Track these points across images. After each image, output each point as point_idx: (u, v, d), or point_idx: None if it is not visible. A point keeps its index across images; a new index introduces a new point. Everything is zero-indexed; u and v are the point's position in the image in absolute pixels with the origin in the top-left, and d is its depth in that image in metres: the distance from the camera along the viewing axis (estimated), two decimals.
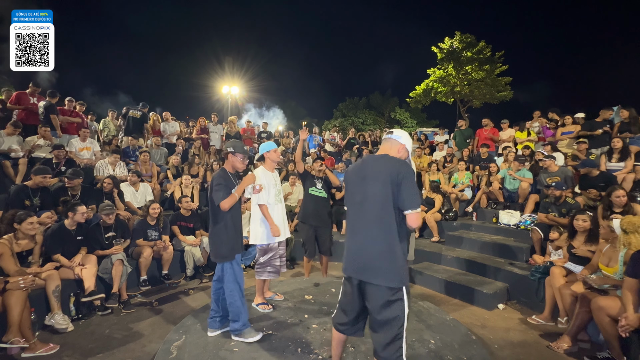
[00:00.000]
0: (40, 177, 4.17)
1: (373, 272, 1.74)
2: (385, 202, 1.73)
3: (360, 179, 1.86)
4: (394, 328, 1.72)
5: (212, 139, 8.61)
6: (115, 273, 3.71)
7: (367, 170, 1.85)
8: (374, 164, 1.85)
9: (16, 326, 2.66)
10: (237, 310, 2.61)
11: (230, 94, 22.83)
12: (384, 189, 1.73)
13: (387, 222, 1.74)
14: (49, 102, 6.00)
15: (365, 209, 1.79)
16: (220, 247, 2.65)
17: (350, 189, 1.93)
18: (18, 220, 3.20)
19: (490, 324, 3.51)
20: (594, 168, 4.79)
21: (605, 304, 2.67)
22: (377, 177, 1.78)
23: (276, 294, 3.45)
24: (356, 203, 1.85)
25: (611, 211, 3.75)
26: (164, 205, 5.95)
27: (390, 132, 1.99)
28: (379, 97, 33.12)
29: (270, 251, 3.20)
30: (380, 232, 1.75)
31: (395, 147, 1.93)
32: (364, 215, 1.80)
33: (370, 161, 1.90)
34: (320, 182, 4.24)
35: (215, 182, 2.62)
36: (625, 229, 2.88)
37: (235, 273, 2.67)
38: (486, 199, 6.07)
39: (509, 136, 7.48)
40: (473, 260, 4.59)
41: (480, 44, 19.54)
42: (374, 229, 1.76)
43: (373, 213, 1.77)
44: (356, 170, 1.94)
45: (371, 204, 1.77)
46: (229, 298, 2.62)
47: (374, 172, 1.81)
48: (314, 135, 10.42)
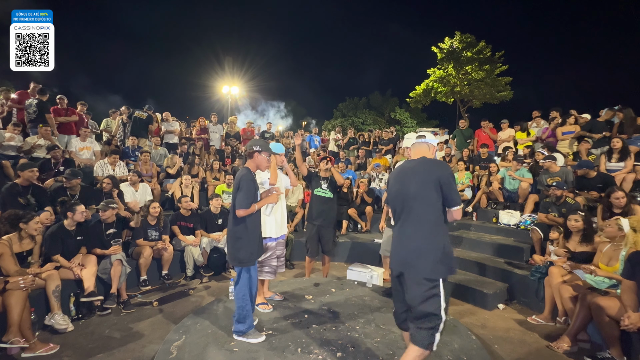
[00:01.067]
0: (27, 172, 4.13)
1: (416, 266, 1.89)
2: (435, 202, 1.90)
3: (407, 181, 1.99)
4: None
5: (212, 139, 8.61)
6: (114, 273, 3.71)
7: (414, 173, 1.99)
8: (420, 167, 2.00)
9: (16, 326, 2.66)
10: (245, 313, 2.59)
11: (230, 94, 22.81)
12: (433, 190, 1.90)
13: (435, 220, 1.91)
14: (39, 100, 5.89)
15: (414, 209, 1.93)
16: (239, 251, 2.55)
17: (396, 190, 2.04)
18: (25, 220, 3.20)
19: (490, 324, 3.51)
20: (591, 169, 4.79)
21: (606, 305, 2.67)
22: (425, 179, 1.92)
23: (276, 294, 3.46)
24: (404, 203, 1.97)
25: (611, 212, 3.76)
26: (164, 205, 5.96)
27: (422, 135, 2.15)
28: (379, 97, 33.12)
29: (268, 250, 3.20)
30: (429, 228, 1.90)
31: (431, 149, 2.13)
32: (413, 214, 1.93)
33: (414, 165, 2.04)
34: (325, 182, 4.21)
35: (242, 183, 2.51)
36: (634, 228, 2.89)
37: (251, 279, 2.61)
38: (486, 199, 6.08)
39: (509, 136, 7.48)
40: (473, 260, 4.60)
41: (480, 44, 19.56)
42: (423, 226, 1.91)
43: (421, 212, 1.92)
44: (402, 173, 2.07)
45: (420, 204, 1.92)
46: (239, 301, 2.58)
47: (421, 174, 1.95)
48: (314, 135, 10.43)
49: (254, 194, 2.56)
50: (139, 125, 7.41)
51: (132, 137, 6.95)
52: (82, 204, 3.81)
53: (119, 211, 4.60)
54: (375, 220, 6.32)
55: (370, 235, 6.11)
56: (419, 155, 2.09)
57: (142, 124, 7.48)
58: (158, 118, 8.28)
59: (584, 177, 4.84)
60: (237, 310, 2.61)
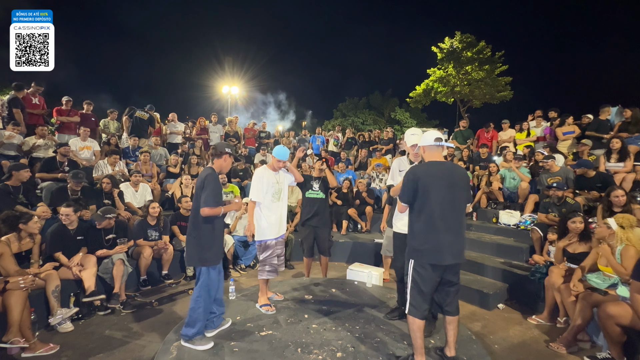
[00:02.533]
0: (23, 171, 4.13)
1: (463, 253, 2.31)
2: (465, 202, 2.33)
3: (444, 183, 2.22)
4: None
5: (212, 139, 8.63)
6: (116, 273, 3.71)
7: (449, 175, 2.25)
8: (452, 171, 2.30)
9: (16, 326, 2.66)
10: (196, 317, 2.52)
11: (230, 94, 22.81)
12: (464, 193, 2.30)
13: (464, 217, 2.35)
14: (13, 95, 5.76)
15: (454, 208, 2.23)
16: (204, 251, 2.56)
17: (433, 190, 2.22)
18: (25, 220, 3.20)
19: (490, 324, 3.51)
20: (589, 169, 4.78)
21: (616, 312, 2.58)
22: (458, 182, 2.26)
23: (276, 294, 3.46)
24: (444, 203, 2.21)
25: (611, 211, 3.75)
26: (164, 205, 5.96)
27: (440, 139, 2.32)
28: (379, 97, 33.11)
29: (268, 249, 3.20)
30: (462, 224, 2.32)
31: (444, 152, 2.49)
32: (452, 212, 2.22)
33: (446, 168, 2.30)
34: (317, 182, 4.19)
35: (207, 182, 2.52)
36: (621, 224, 2.93)
37: (211, 279, 2.58)
38: (486, 199, 6.08)
39: (509, 136, 7.48)
40: (473, 260, 4.59)
41: (480, 44, 19.56)
42: (460, 222, 2.29)
43: (459, 210, 2.27)
44: (435, 174, 2.25)
45: (458, 203, 2.27)
46: (192, 302, 2.54)
47: (455, 177, 2.27)
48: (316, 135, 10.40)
49: (220, 193, 2.58)
50: (140, 125, 7.41)
51: (133, 137, 6.95)
52: (68, 208, 3.69)
53: (119, 211, 4.61)
54: (376, 220, 6.32)
55: (370, 235, 6.11)
56: (441, 158, 2.36)
57: (143, 124, 7.48)
58: (158, 118, 8.29)
59: (583, 176, 4.84)
60: (189, 312, 2.54)
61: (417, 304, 2.24)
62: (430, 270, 2.21)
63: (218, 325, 2.78)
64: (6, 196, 3.99)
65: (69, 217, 3.67)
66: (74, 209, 3.71)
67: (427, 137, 2.36)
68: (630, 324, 2.53)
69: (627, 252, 2.82)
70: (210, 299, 2.60)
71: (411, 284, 2.27)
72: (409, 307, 2.26)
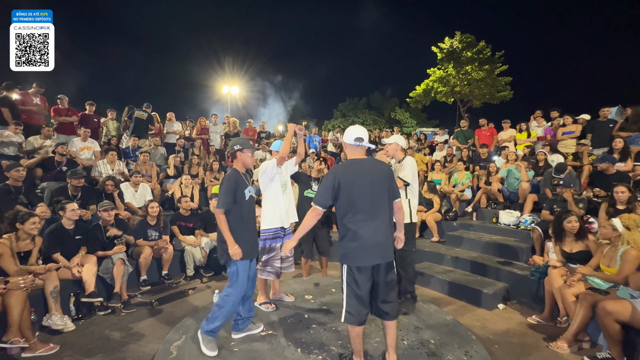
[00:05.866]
0: (14, 171, 4.11)
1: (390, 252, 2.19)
2: (390, 199, 2.22)
3: (365, 181, 2.14)
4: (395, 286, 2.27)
5: (212, 139, 8.63)
6: (117, 273, 3.71)
7: (370, 172, 2.18)
8: (373, 167, 2.22)
9: (16, 326, 2.66)
10: (217, 315, 2.46)
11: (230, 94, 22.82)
12: (388, 188, 2.19)
13: (390, 214, 2.22)
14: (4, 95, 5.72)
15: (378, 206, 2.14)
16: (225, 246, 2.49)
17: (353, 189, 2.13)
18: (21, 220, 3.18)
19: (490, 324, 3.51)
20: (612, 164, 4.69)
21: (614, 309, 2.58)
22: (379, 178, 2.17)
23: (287, 295, 3.44)
24: (366, 202, 2.12)
25: (614, 208, 3.74)
26: (164, 205, 5.96)
27: (361, 138, 2.22)
28: (379, 97, 33.10)
29: (272, 251, 3.18)
30: (389, 222, 2.20)
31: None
32: (377, 210, 2.13)
33: (366, 164, 2.22)
34: (316, 183, 4.14)
35: (224, 185, 2.49)
36: (627, 226, 2.89)
37: (240, 280, 2.50)
38: (486, 199, 6.07)
39: (509, 136, 7.48)
40: (473, 260, 4.59)
41: (480, 44, 19.55)
42: (386, 220, 2.17)
43: (384, 208, 2.17)
44: (355, 172, 2.17)
45: (381, 200, 2.17)
46: (219, 299, 2.49)
47: (376, 173, 2.18)
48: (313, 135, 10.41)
49: (232, 194, 2.48)
50: (140, 125, 7.41)
51: (133, 137, 6.95)
52: (73, 203, 3.79)
53: (119, 211, 4.61)
54: None
55: None
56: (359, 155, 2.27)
57: (143, 124, 7.48)
58: (158, 118, 8.29)
59: (602, 172, 4.76)
60: (214, 306, 2.51)
61: (354, 310, 2.13)
62: (359, 273, 2.11)
63: (243, 329, 2.72)
64: (7, 195, 3.99)
65: (75, 212, 3.70)
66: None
67: (348, 135, 2.24)
68: (629, 320, 2.53)
69: (628, 255, 2.79)
70: (237, 301, 2.54)
71: (346, 289, 2.16)
72: (345, 315, 2.15)
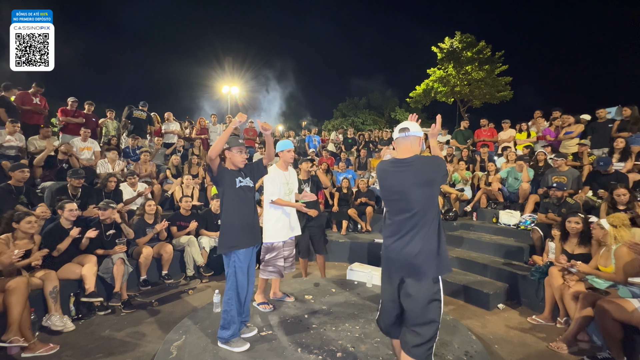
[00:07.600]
0: (18, 172, 4.12)
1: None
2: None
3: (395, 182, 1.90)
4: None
5: (212, 139, 8.63)
6: (117, 272, 3.71)
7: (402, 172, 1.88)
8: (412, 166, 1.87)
9: (16, 326, 2.66)
10: (230, 319, 2.50)
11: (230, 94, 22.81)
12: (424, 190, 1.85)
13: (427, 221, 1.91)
14: (1, 95, 5.72)
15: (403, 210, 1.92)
16: (220, 236, 2.56)
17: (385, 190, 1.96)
18: (17, 219, 3.17)
19: (490, 324, 3.51)
20: (612, 165, 4.76)
21: (612, 308, 2.59)
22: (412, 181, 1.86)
23: (287, 295, 3.44)
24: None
25: (615, 209, 3.75)
26: (164, 205, 5.95)
27: (405, 129, 1.92)
28: (379, 97, 33.09)
29: (274, 250, 3.17)
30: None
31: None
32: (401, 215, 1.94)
33: (402, 164, 1.90)
34: (307, 184, 4.10)
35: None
36: (612, 223, 3.00)
37: (238, 280, 2.51)
38: (486, 199, 6.07)
39: (509, 136, 7.47)
40: (473, 260, 4.59)
41: (480, 44, 19.54)
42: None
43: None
44: (389, 172, 1.94)
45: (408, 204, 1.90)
46: (224, 305, 2.52)
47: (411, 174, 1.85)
48: (313, 135, 10.42)
49: (220, 175, 2.55)
50: (139, 125, 7.40)
51: (132, 136, 6.95)
52: (73, 203, 3.77)
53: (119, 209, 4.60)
54: (376, 221, 6.32)
55: (370, 235, 6.11)
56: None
57: (142, 124, 7.47)
58: (158, 118, 8.29)
59: (600, 172, 4.80)
60: (222, 314, 2.53)
61: (380, 318, 2.08)
62: (385, 281, 2.01)
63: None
64: (8, 195, 4.00)
65: (73, 212, 3.69)
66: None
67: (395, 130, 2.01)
68: (629, 320, 2.53)
69: (619, 252, 2.85)
70: (240, 300, 2.55)
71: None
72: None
